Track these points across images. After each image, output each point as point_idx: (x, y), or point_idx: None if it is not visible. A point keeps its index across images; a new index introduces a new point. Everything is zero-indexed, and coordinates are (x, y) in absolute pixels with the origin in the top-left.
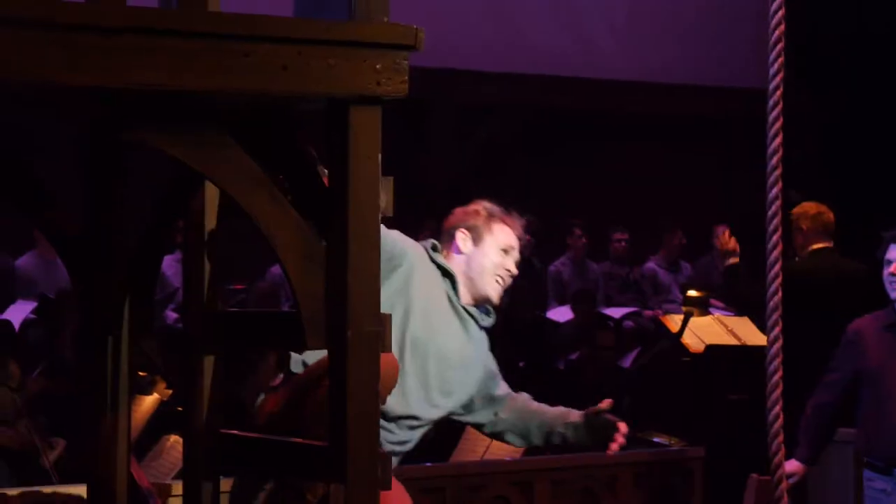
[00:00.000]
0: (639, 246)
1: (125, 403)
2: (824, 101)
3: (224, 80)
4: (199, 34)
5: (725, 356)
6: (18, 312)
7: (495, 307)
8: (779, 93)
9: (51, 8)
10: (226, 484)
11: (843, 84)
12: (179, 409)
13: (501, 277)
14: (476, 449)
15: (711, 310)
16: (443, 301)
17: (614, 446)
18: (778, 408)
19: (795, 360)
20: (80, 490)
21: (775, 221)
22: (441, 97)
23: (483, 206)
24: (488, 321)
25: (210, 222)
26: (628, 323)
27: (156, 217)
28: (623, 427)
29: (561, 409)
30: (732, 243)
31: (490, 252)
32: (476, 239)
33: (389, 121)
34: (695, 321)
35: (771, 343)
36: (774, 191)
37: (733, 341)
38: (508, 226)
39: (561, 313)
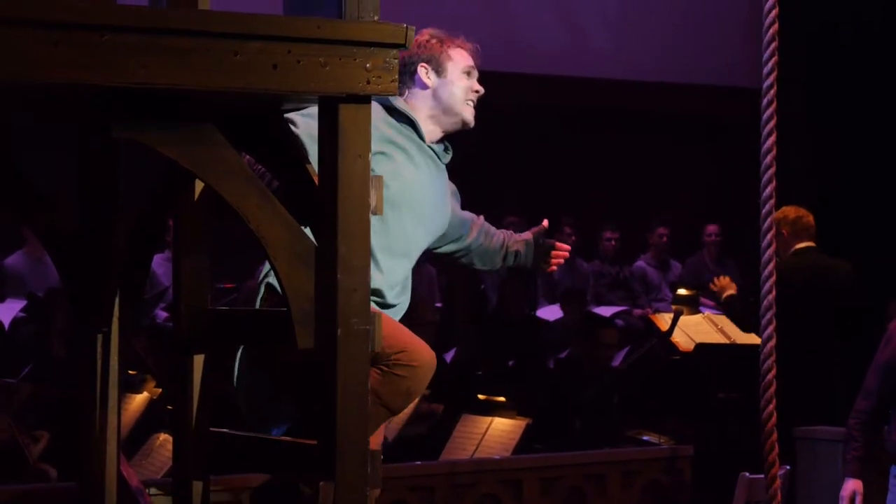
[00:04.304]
0: (629, 245)
1: (115, 402)
2: (818, 101)
3: (214, 78)
4: (189, 32)
5: (715, 354)
6: (8, 311)
7: (453, 144)
8: (773, 92)
9: (41, 6)
10: (215, 482)
11: (838, 85)
12: (169, 407)
13: (472, 100)
14: (466, 447)
15: (701, 308)
16: (408, 149)
17: (553, 263)
18: (771, 406)
19: (781, 353)
20: (70, 488)
21: (769, 221)
22: None
23: (430, 33)
24: (447, 158)
25: (200, 221)
26: (618, 322)
27: (145, 215)
28: (562, 245)
29: (507, 231)
30: (727, 283)
31: (455, 78)
32: (438, 69)
33: None
34: (684, 319)
35: (765, 341)
36: (768, 190)
37: (723, 340)
38: (462, 48)
39: (551, 312)
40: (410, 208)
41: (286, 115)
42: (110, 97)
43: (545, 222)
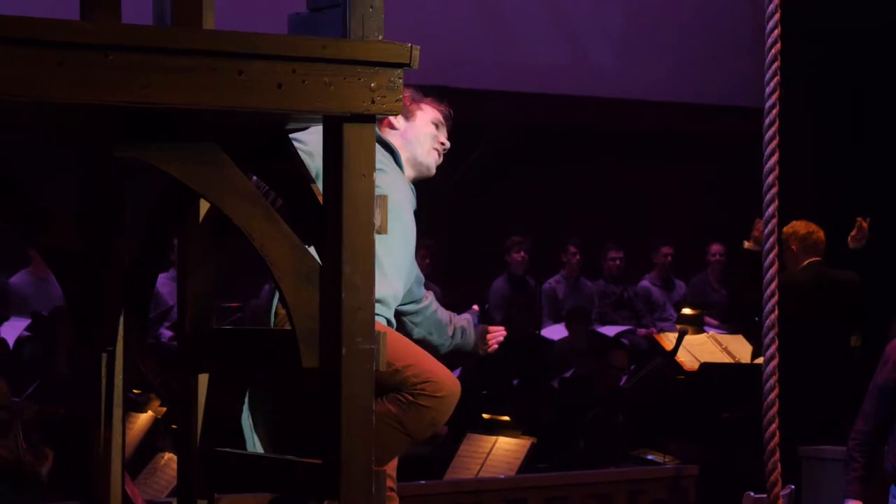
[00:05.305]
0: (633, 264)
1: (119, 420)
2: (822, 119)
3: (218, 97)
4: (193, 52)
5: (720, 374)
6: (12, 330)
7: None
8: (775, 111)
9: (45, 26)
10: (220, 502)
11: (843, 102)
12: (174, 426)
13: (437, 149)
14: (471, 466)
15: (706, 327)
16: (395, 171)
17: (491, 345)
18: (774, 425)
19: (788, 371)
20: None
21: (772, 239)
22: None
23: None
24: (415, 202)
25: (204, 240)
26: (623, 341)
27: (150, 234)
28: (496, 328)
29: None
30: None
31: (423, 125)
32: (407, 115)
33: None
34: (689, 339)
35: (767, 360)
36: (771, 209)
37: (727, 359)
38: (434, 106)
39: (555, 331)
40: (402, 227)
41: (292, 136)
42: (114, 116)
43: (475, 307)
